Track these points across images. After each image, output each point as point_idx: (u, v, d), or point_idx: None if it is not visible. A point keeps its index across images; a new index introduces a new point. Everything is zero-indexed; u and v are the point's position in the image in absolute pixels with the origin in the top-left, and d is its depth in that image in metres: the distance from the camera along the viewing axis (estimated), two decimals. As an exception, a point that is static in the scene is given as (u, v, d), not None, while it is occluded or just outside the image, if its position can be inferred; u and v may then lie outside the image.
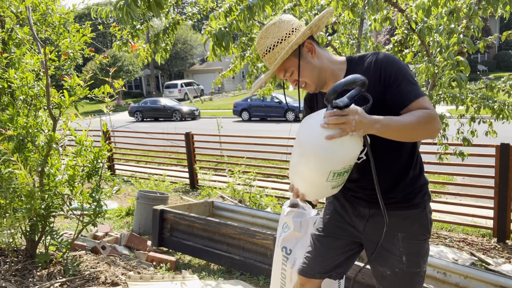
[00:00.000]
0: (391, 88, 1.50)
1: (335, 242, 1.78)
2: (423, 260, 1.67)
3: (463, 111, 3.88)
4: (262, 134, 11.76)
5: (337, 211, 1.80)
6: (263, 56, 1.62)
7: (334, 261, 1.78)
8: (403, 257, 1.63)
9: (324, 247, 1.80)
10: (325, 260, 1.78)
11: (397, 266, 1.65)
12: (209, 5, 3.95)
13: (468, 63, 2.75)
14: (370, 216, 1.69)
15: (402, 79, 1.50)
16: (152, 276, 2.87)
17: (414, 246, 1.64)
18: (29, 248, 2.95)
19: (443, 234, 4.71)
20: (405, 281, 1.66)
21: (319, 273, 1.80)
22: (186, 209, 4.33)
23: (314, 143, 1.42)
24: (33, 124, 2.80)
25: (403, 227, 1.63)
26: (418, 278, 1.67)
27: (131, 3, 2.27)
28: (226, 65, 24.23)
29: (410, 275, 1.65)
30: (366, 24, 4.08)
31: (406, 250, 1.63)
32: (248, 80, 4.73)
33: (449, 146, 4.23)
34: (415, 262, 1.65)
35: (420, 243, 1.65)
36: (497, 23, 27.67)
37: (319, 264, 1.79)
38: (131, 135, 10.33)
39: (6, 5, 3.07)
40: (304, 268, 1.84)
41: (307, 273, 1.82)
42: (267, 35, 1.58)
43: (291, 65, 1.58)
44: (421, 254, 1.66)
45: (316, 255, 1.80)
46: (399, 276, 1.65)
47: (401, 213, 1.63)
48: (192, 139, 7.10)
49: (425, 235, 1.66)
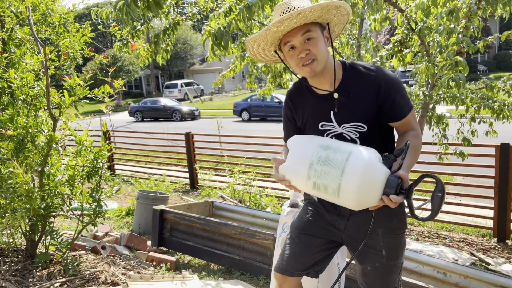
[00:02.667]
0: (386, 103, 1.61)
1: (315, 241, 1.79)
2: (401, 252, 1.76)
3: (463, 111, 3.88)
4: (262, 134, 11.76)
5: (317, 211, 1.82)
6: (288, 11, 1.53)
7: (313, 258, 1.79)
8: (383, 251, 1.71)
9: (303, 244, 1.80)
10: (304, 257, 1.78)
11: (377, 261, 1.72)
12: (209, 5, 3.95)
13: (466, 63, 2.75)
14: (350, 215, 1.74)
15: (397, 95, 1.60)
16: (152, 276, 2.87)
17: (393, 240, 1.72)
18: (29, 248, 2.96)
19: (443, 234, 4.71)
20: (385, 273, 1.75)
21: (298, 271, 1.78)
22: (186, 209, 4.33)
23: (360, 200, 1.47)
24: (33, 124, 2.80)
25: (382, 222, 1.69)
26: (395, 269, 1.77)
27: (130, 3, 2.27)
28: (226, 65, 24.24)
29: (389, 267, 1.74)
30: (366, 24, 4.08)
31: (386, 244, 1.71)
32: (248, 80, 4.73)
33: (449, 146, 4.23)
34: (394, 255, 1.73)
35: (399, 236, 1.73)
36: (497, 23, 27.66)
37: (298, 261, 1.78)
38: (131, 135, 10.33)
39: (6, 5, 3.07)
40: (282, 266, 1.80)
41: (287, 270, 1.79)
42: (302, 1, 1.56)
43: (315, 31, 1.55)
44: (400, 247, 1.75)
45: (295, 252, 1.79)
46: (379, 269, 1.73)
47: (381, 210, 1.67)
48: (192, 139, 7.10)
49: (402, 228, 1.74)
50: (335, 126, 1.67)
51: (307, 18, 1.50)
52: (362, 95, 1.61)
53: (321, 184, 1.49)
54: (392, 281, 1.77)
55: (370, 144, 1.59)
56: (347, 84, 1.64)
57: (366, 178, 1.43)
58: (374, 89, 1.59)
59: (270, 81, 4.45)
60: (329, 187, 1.48)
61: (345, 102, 1.63)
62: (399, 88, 1.62)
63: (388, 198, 1.42)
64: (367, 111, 1.62)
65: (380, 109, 1.62)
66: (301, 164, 1.53)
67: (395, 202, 1.42)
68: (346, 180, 1.44)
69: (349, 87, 1.64)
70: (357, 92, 1.62)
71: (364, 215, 1.65)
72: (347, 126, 1.65)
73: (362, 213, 1.64)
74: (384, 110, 1.62)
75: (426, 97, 3.42)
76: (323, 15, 1.55)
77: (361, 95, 1.61)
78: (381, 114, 1.62)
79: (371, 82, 1.60)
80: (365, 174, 1.43)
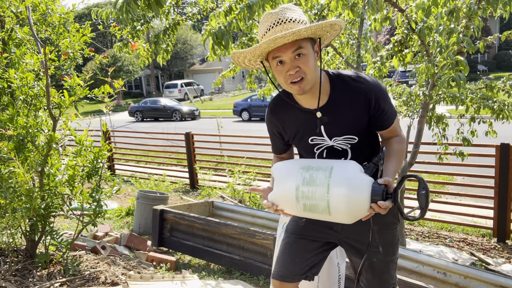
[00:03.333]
0: (377, 114, 1.61)
1: (311, 244, 1.79)
2: (397, 247, 1.79)
3: (463, 111, 3.87)
4: (262, 134, 11.73)
5: None
6: (282, 22, 1.47)
7: (311, 262, 1.78)
8: (379, 248, 1.72)
9: (300, 249, 1.79)
10: (302, 261, 1.77)
11: (375, 257, 1.73)
12: (209, 5, 3.94)
13: (467, 63, 2.75)
14: None
15: (386, 104, 1.61)
16: (152, 276, 2.87)
17: (388, 235, 1.75)
18: (29, 248, 2.96)
19: (443, 234, 4.71)
20: (383, 269, 1.76)
21: (297, 276, 1.76)
22: (186, 209, 4.33)
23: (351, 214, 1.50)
24: (33, 124, 2.80)
25: (377, 219, 1.68)
26: (392, 265, 1.78)
27: (130, 2, 2.27)
28: (226, 65, 24.24)
29: (386, 263, 1.76)
30: (366, 24, 4.08)
31: (382, 240, 1.73)
32: (248, 80, 4.73)
33: (449, 146, 4.23)
34: (391, 250, 1.75)
35: (393, 231, 1.77)
36: (497, 23, 27.66)
37: (296, 267, 1.77)
38: (131, 135, 10.33)
39: (6, 5, 3.07)
40: (281, 273, 1.77)
41: (287, 277, 1.75)
42: (294, 10, 1.51)
43: (305, 48, 1.48)
44: (395, 242, 1.77)
45: (293, 257, 1.78)
46: (377, 265, 1.75)
47: None
48: (192, 139, 7.10)
49: (395, 223, 1.77)
50: (326, 140, 1.66)
51: (300, 35, 1.45)
52: (352, 107, 1.59)
53: (311, 204, 1.52)
54: (390, 277, 1.78)
55: (361, 152, 1.63)
56: (336, 97, 1.60)
57: (352, 189, 1.46)
58: (365, 101, 1.57)
59: (270, 81, 4.44)
60: (319, 206, 1.51)
61: (335, 116, 1.61)
62: (386, 96, 1.61)
63: (376, 205, 1.45)
64: (358, 124, 1.61)
65: (370, 120, 1.62)
66: (287, 190, 1.56)
67: (384, 207, 1.44)
68: (334, 195, 1.48)
69: (338, 100, 1.60)
70: (347, 105, 1.59)
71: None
72: (338, 139, 1.65)
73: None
74: (374, 121, 1.62)
75: (426, 97, 3.42)
76: (317, 31, 1.50)
77: (351, 108, 1.59)
78: (370, 123, 1.63)
79: (361, 94, 1.57)
80: (350, 186, 1.46)
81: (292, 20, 1.48)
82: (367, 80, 1.59)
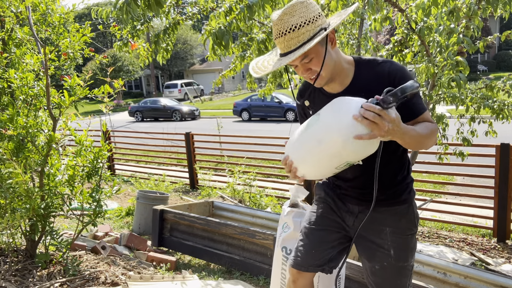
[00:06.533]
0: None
1: (328, 236, 1.79)
2: (411, 254, 1.73)
3: (463, 111, 3.87)
4: (262, 134, 11.76)
5: (329, 206, 1.83)
6: (283, 34, 1.48)
7: (327, 254, 1.78)
8: (391, 251, 1.69)
9: (317, 240, 1.80)
10: (318, 253, 1.78)
11: (385, 260, 1.71)
12: (209, 5, 3.94)
13: (467, 63, 2.75)
14: (359, 212, 1.74)
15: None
16: (152, 276, 2.87)
17: (402, 240, 1.70)
18: (29, 248, 2.96)
19: (443, 234, 4.71)
20: (393, 274, 1.73)
21: (312, 266, 1.78)
22: (186, 209, 4.33)
23: (343, 134, 1.38)
24: (33, 124, 2.80)
25: (391, 222, 1.69)
26: (405, 272, 1.74)
27: (131, 2, 2.27)
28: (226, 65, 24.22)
29: (397, 268, 1.72)
30: (366, 24, 4.08)
31: (394, 244, 1.69)
32: (248, 80, 4.72)
33: (449, 146, 4.23)
34: (403, 256, 1.71)
35: (408, 237, 1.72)
36: (497, 23, 27.66)
37: (312, 257, 1.78)
38: (131, 135, 10.32)
39: (6, 5, 3.07)
40: (298, 262, 1.79)
41: (302, 266, 1.78)
42: (293, 12, 1.46)
43: (313, 52, 1.49)
44: (409, 248, 1.72)
45: (310, 248, 1.79)
46: (388, 269, 1.72)
47: (389, 209, 1.70)
48: (192, 139, 7.10)
49: (412, 229, 1.72)
50: None
51: (304, 50, 1.46)
52: (376, 87, 1.51)
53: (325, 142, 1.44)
54: (402, 284, 1.74)
55: (388, 144, 1.52)
56: (360, 78, 1.61)
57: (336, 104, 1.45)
58: (388, 80, 1.53)
59: (270, 81, 4.45)
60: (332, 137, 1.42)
61: (358, 96, 1.54)
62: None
63: (362, 108, 1.34)
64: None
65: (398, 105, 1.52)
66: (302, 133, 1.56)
67: (371, 109, 1.32)
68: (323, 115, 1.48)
69: (362, 80, 1.60)
70: (370, 85, 1.56)
71: (373, 213, 1.62)
72: None
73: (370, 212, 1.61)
74: (400, 106, 1.45)
75: (426, 97, 3.42)
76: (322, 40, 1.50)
77: (374, 87, 1.52)
78: (399, 110, 1.47)
79: (384, 73, 1.56)
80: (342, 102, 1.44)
81: (292, 29, 1.46)
82: (393, 62, 1.60)
